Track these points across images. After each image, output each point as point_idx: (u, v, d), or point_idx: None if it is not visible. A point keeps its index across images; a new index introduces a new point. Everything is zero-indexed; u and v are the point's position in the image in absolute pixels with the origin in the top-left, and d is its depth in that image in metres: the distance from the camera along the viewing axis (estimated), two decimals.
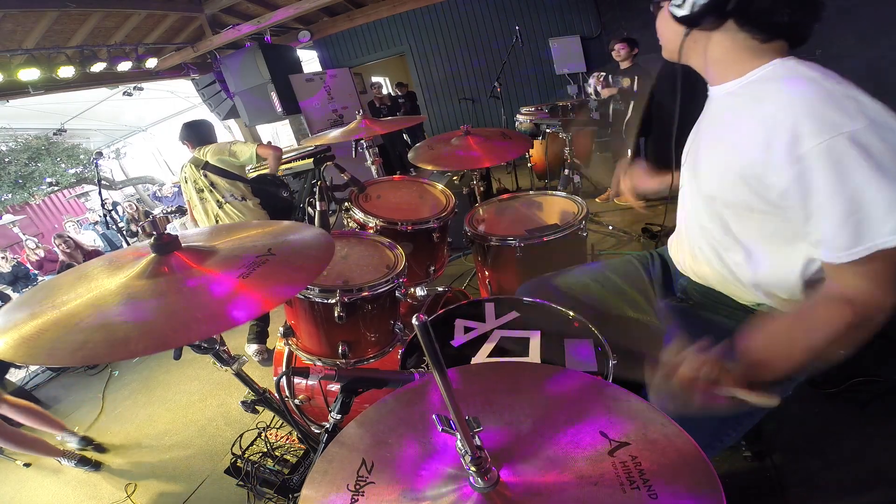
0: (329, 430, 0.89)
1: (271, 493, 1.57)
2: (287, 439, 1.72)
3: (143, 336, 0.65)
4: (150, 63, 4.98)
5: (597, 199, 4.08)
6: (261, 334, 2.74)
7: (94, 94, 6.66)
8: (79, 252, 4.96)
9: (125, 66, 4.62)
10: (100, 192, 3.84)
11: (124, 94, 6.01)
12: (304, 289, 1.18)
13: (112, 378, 3.17)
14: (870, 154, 0.63)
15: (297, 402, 1.50)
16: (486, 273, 1.71)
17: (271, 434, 1.74)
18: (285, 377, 1.45)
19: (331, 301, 1.18)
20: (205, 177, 2.48)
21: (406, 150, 2.69)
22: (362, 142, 2.20)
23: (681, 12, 0.80)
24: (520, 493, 0.53)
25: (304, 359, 1.36)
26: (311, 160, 3.82)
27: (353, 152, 2.29)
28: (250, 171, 3.46)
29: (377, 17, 6.34)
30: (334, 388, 1.43)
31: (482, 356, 1.07)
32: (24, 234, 8.71)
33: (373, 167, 2.32)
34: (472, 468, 0.52)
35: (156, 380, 2.96)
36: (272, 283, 0.76)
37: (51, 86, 4.33)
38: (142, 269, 0.78)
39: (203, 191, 2.49)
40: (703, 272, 1.00)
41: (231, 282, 0.76)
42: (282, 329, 1.33)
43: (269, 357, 2.68)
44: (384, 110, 6.44)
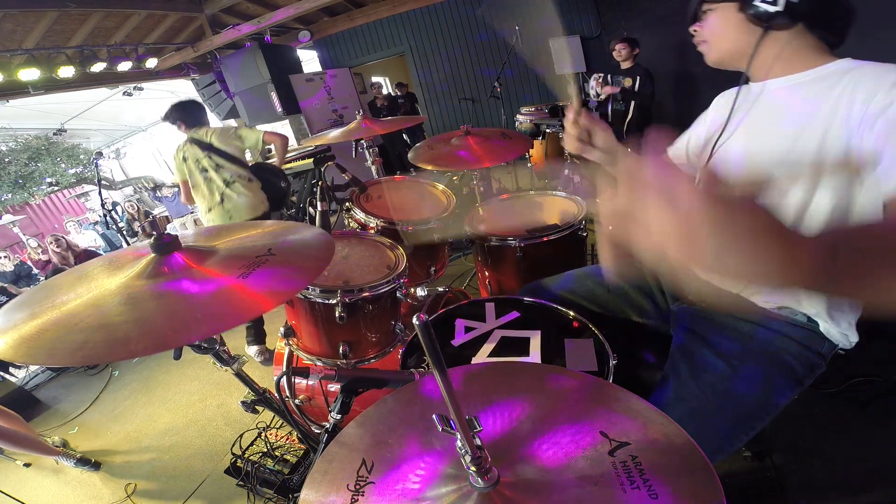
0: (329, 430, 0.89)
1: (271, 493, 1.57)
2: (287, 439, 1.72)
3: (143, 336, 0.65)
4: (150, 63, 4.98)
5: (597, 200, 4.08)
6: (258, 334, 2.74)
7: (94, 94, 6.65)
8: (70, 253, 4.96)
9: (125, 66, 4.62)
10: (100, 192, 3.83)
11: (124, 94, 6.02)
12: (305, 289, 1.18)
13: (112, 378, 3.17)
14: None
15: (298, 402, 1.50)
16: (486, 273, 1.71)
17: (271, 434, 1.74)
18: (285, 377, 1.45)
19: (332, 301, 1.18)
20: (209, 158, 2.50)
21: (406, 150, 2.69)
22: (362, 142, 2.20)
23: (773, 8, 0.80)
24: (520, 492, 0.53)
25: (304, 359, 1.36)
26: (311, 160, 3.83)
27: (354, 152, 2.29)
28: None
29: (377, 17, 6.34)
30: (334, 388, 1.42)
31: (482, 356, 1.07)
32: (25, 234, 8.71)
33: (373, 167, 2.32)
34: (473, 468, 0.52)
35: (156, 380, 2.96)
36: (272, 284, 0.76)
37: (51, 86, 4.33)
38: (142, 269, 0.78)
39: (208, 170, 2.50)
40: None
41: (231, 282, 0.76)
42: (282, 329, 1.33)
43: (270, 357, 2.68)
44: (384, 110, 6.45)
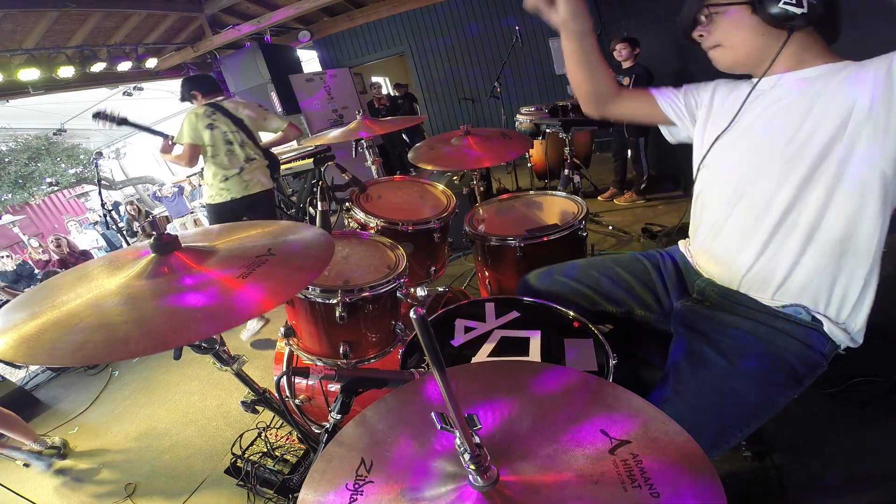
0: (329, 430, 0.89)
1: (271, 493, 1.57)
2: (287, 439, 1.72)
3: (143, 336, 0.65)
4: (150, 63, 4.99)
5: (599, 198, 4.08)
6: None
7: (94, 94, 6.64)
8: (68, 255, 4.99)
9: (125, 66, 4.62)
10: (100, 192, 3.83)
11: (124, 94, 6.01)
12: (305, 289, 1.18)
13: (112, 378, 3.17)
14: None
15: (298, 402, 1.50)
16: (486, 273, 1.71)
17: (271, 434, 1.74)
18: (285, 377, 1.45)
19: (332, 301, 1.18)
20: (237, 133, 2.60)
21: (406, 150, 2.70)
22: (362, 142, 2.20)
23: (798, 10, 0.79)
24: (519, 491, 0.53)
25: (304, 359, 1.36)
26: (311, 160, 3.83)
27: (353, 152, 2.29)
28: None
29: (377, 17, 6.34)
30: (334, 388, 1.43)
31: (482, 356, 1.07)
32: (25, 234, 8.71)
33: (373, 167, 2.32)
34: (472, 466, 0.51)
35: (156, 380, 2.96)
36: (272, 283, 0.76)
37: (51, 86, 4.34)
38: (142, 270, 0.78)
39: (233, 143, 2.60)
40: (734, 267, 0.97)
41: (230, 282, 0.76)
42: (282, 329, 1.33)
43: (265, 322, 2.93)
44: (383, 111, 6.44)
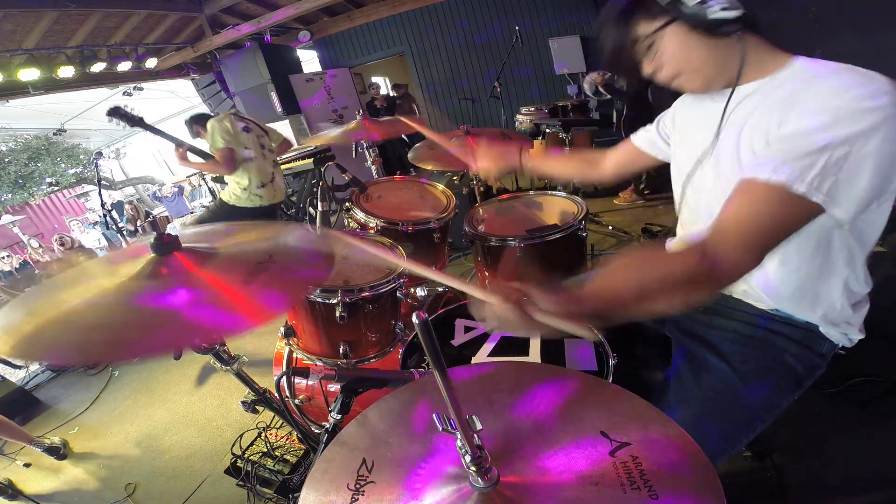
0: (329, 430, 0.89)
1: (271, 493, 1.57)
2: (287, 439, 1.72)
3: (144, 338, 0.63)
4: (150, 63, 4.99)
5: (614, 201, 4.04)
6: None
7: (94, 94, 6.64)
8: (73, 253, 5.02)
9: (125, 66, 4.62)
10: (100, 192, 3.83)
11: (124, 94, 6.00)
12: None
13: (112, 378, 3.17)
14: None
15: (298, 402, 1.50)
16: (486, 273, 1.71)
17: (271, 434, 1.74)
18: (285, 377, 1.45)
19: (332, 301, 1.18)
20: (264, 136, 3.08)
21: (405, 150, 2.70)
22: (362, 142, 2.20)
23: (733, 14, 0.75)
24: (520, 492, 0.53)
25: (304, 359, 1.36)
26: (311, 160, 3.82)
27: (353, 152, 2.29)
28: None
29: (377, 17, 6.34)
30: (334, 388, 1.42)
31: (482, 356, 1.07)
32: (25, 235, 8.71)
33: (373, 167, 2.32)
34: (473, 468, 0.52)
35: (156, 380, 2.96)
36: (275, 291, 0.73)
37: (51, 86, 4.33)
38: (141, 270, 0.75)
39: (265, 148, 3.01)
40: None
41: (233, 287, 0.72)
42: (282, 329, 1.33)
43: None
44: (382, 111, 6.44)
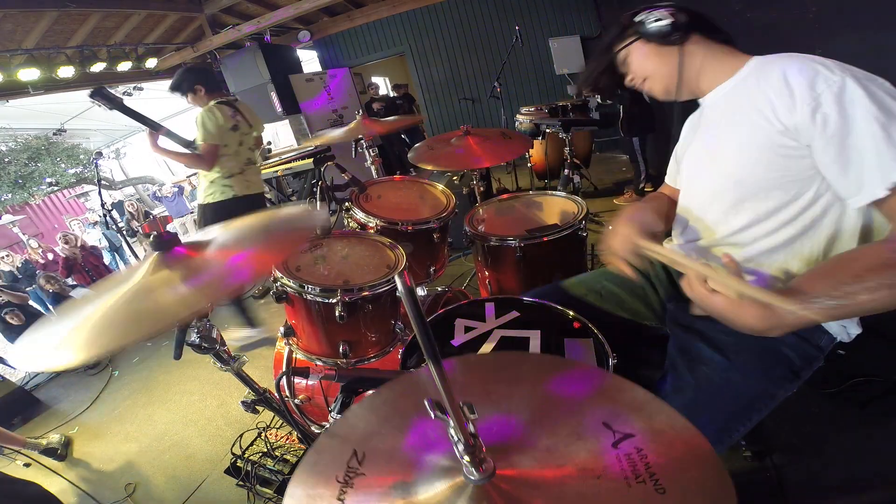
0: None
1: (271, 493, 1.57)
2: (287, 439, 1.72)
3: (180, 303, 0.66)
4: (150, 63, 4.99)
5: (614, 201, 4.06)
6: (249, 320, 2.95)
7: None
8: (78, 250, 5.04)
9: (125, 66, 4.62)
10: (100, 192, 3.82)
11: (124, 94, 6.00)
12: (304, 288, 1.18)
13: (112, 378, 3.17)
14: (873, 88, 0.71)
15: (298, 402, 1.50)
16: (486, 273, 1.71)
17: (271, 434, 1.74)
18: (285, 377, 1.45)
19: (332, 301, 1.18)
20: (248, 134, 2.74)
21: (405, 150, 2.70)
22: (362, 142, 2.20)
23: (665, 23, 0.87)
24: (518, 486, 0.50)
25: (304, 359, 1.36)
26: (311, 160, 3.83)
27: (353, 152, 2.29)
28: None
29: (377, 17, 6.34)
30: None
31: None
32: (25, 235, 8.71)
33: (373, 167, 2.32)
34: (466, 458, 0.49)
35: (156, 380, 2.96)
36: (274, 247, 0.83)
37: (51, 86, 4.33)
38: (151, 268, 0.75)
39: (243, 145, 2.71)
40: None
41: (237, 252, 0.78)
42: (282, 329, 1.33)
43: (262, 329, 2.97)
44: (381, 111, 6.44)
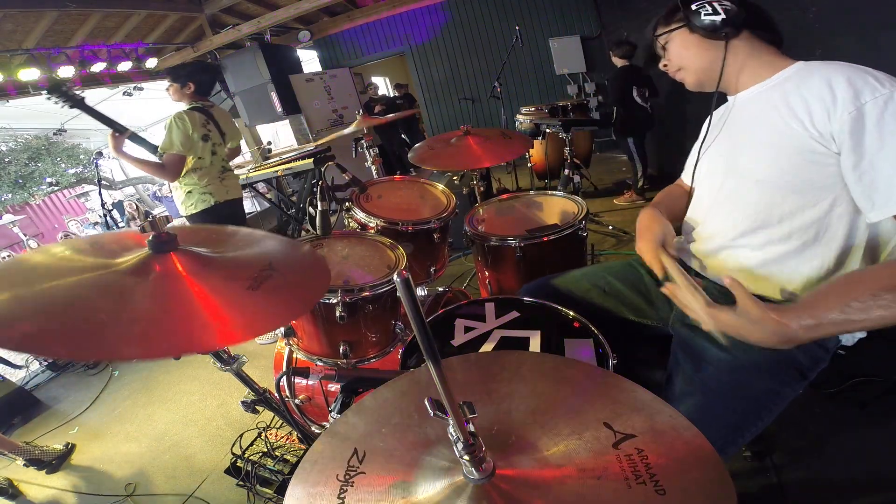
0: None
1: (271, 493, 1.57)
2: (287, 439, 1.72)
3: (156, 338, 0.59)
4: (150, 63, 4.99)
5: (614, 201, 4.06)
6: None
7: (95, 94, 6.65)
8: None
9: (125, 66, 4.62)
10: (100, 192, 3.82)
11: (124, 94, 6.01)
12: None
13: (112, 378, 3.17)
14: None
15: (298, 402, 1.50)
16: (487, 273, 1.71)
17: (271, 434, 1.74)
18: (285, 377, 1.45)
19: (332, 301, 1.18)
20: (220, 145, 2.63)
21: (405, 150, 2.70)
22: (362, 142, 2.20)
23: (718, 17, 0.86)
24: (517, 486, 0.50)
25: (304, 359, 1.36)
26: (311, 160, 3.82)
27: (354, 152, 2.29)
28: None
29: (377, 17, 6.34)
30: (334, 388, 1.42)
31: None
32: (25, 235, 8.70)
33: (373, 167, 2.32)
34: (466, 457, 0.49)
35: (156, 380, 2.96)
36: (284, 298, 0.71)
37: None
38: (135, 265, 0.69)
39: (216, 154, 2.62)
40: (739, 267, 0.95)
41: (238, 293, 0.70)
42: (282, 329, 1.33)
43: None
44: (381, 112, 6.43)
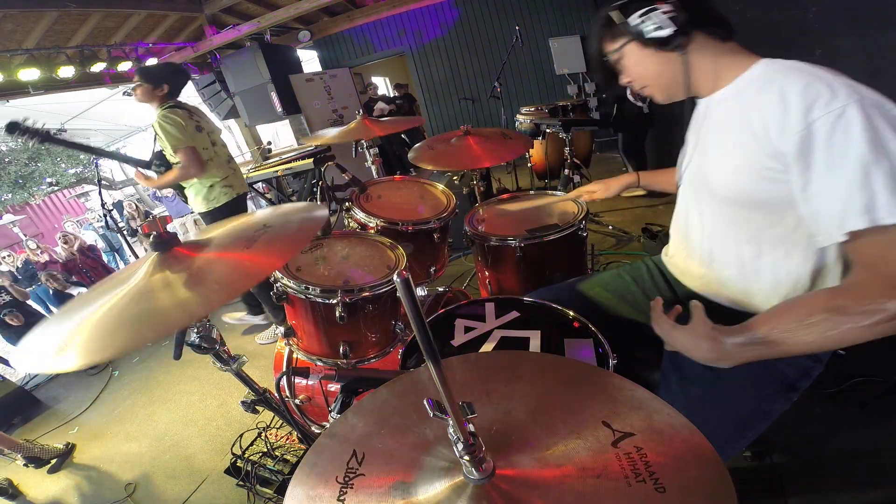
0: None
1: (271, 493, 1.58)
2: (287, 439, 1.72)
3: (178, 306, 0.65)
4: (151, 63, 4.99)
5: (614, 200, 4.14)
6: (254, 306, 2.99)
7: (94, 94, 6.65)
8: (76, 252, 5.08)
9: (125, 66, 4.62)
10: (100, 193, 3.81)
11: (124, 93, 5.99)
12: (305, 289, 1.18)
13: (112, 378, 3.17)
14: (876, 120, 0.65)
15: (298, 402, 1.50)
16: (487, 273, 1.71)
17: (271, 434, 1.74)
18: (285, 377, 1.45)
19: (332, 301, 1.18)
20: (214, 132, 2.71)
21: (405, 150, 2.70)
22: (362, 142, 2.20)
23: (666, 31, 0.81)
24: (517, 485, 0.50)
25: (304, 359, 1.36)
26: (311, 160, 3.82)
27: (354, 152, 2.29)
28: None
29: (377, 17, 6.34)
30: (334, 388, 1.42)
31: None
32: (25, 235, 8.71)
33: (373, 167, 2.32)
34: (466, 457, 0.49)
35: (156, 380, 2.96)
36: (278, 245, 0.78)
37: (51, 86, 4.33)
38: (150, 269, 0.75)
39: (216, 144, 2.70)
40: (717, 281, 0.96)
41: (238, 254, 0.76)
42: (282, 329, 1.33)
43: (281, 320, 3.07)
44: (390, 113, 6.43)
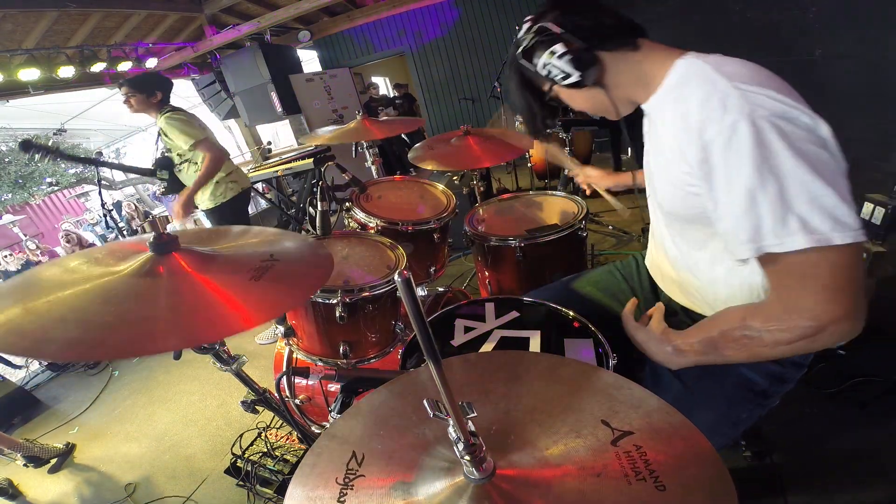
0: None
1: (271, 493, 1.58)
2: (287, 439, 1.72)
3: (166, 331, 0.60)
4: (150, 63, 4.99)
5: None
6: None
7: (94, 94, 6.65)
8: (78, 248, 5.11)
9: (125, 66, 4.62)
10: (100, 192, 3.80)
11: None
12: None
13: (112, 378, 3.17)
14: (768, 136, 0.62)
15: (298, 402, 1.50)
16: (486, 273, 1.71)
17: (271, 434, 1.74)
18: (285, 377, 1.45)
19: (332, 301, 1.18)
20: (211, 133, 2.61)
21: (405, 150, 2.70)
22: (362, 142, 2.20)
23: (574, 78, 0.80)
24: (518, 485, 0.51)
25: (304, 359, 1.36)
26: (311, 160, 3.83)
27: (354, 152, 2.29)
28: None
29: (377, 17, 6.34)
30: (334, 388, 1.43)
31: None
32: (25, 235, 8.71)
33: (373, 167, 2.32)
34: (466, 457, 0.49)
35: (156, 380, 2.96)
36: (285, 287, 0.72)
37: (51, 86, 4.33)
38: (138, 267, 0.71)
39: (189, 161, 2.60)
40: (687, 285, 0.96)
41: (240, 285, 0.71)
42: (283, 329, 1.33)
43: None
44: (381, 112, 6.43)
